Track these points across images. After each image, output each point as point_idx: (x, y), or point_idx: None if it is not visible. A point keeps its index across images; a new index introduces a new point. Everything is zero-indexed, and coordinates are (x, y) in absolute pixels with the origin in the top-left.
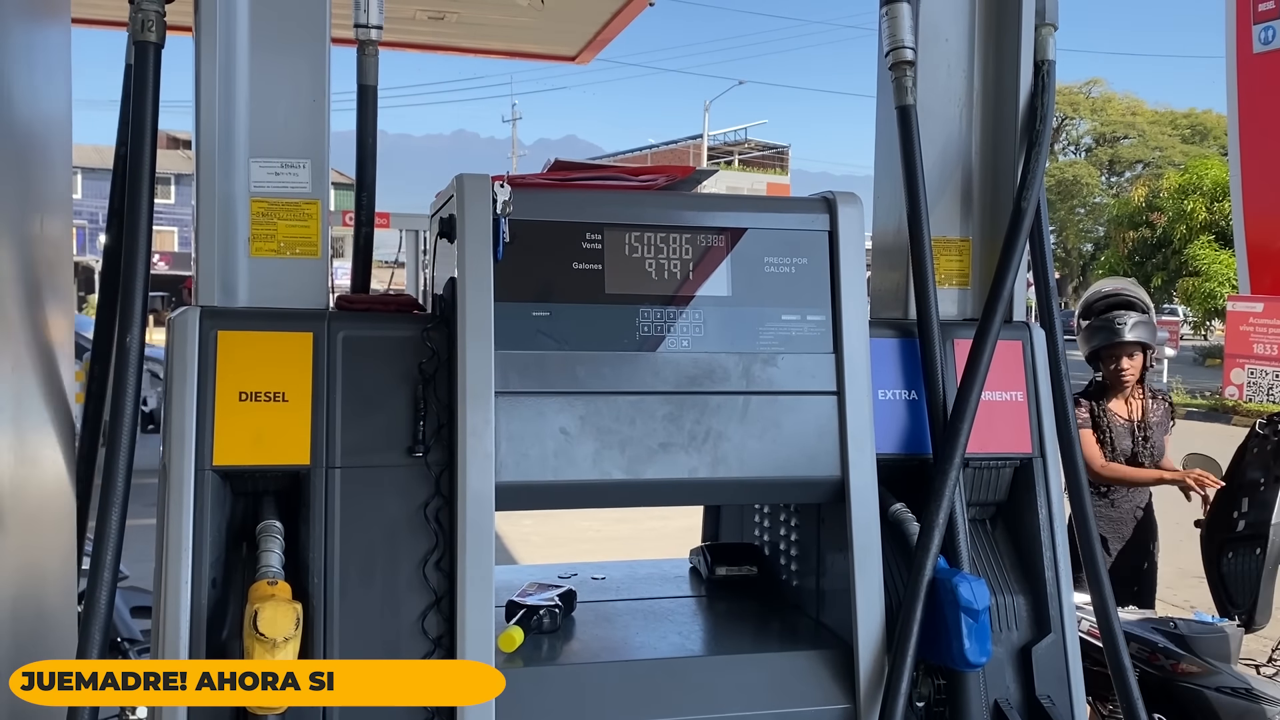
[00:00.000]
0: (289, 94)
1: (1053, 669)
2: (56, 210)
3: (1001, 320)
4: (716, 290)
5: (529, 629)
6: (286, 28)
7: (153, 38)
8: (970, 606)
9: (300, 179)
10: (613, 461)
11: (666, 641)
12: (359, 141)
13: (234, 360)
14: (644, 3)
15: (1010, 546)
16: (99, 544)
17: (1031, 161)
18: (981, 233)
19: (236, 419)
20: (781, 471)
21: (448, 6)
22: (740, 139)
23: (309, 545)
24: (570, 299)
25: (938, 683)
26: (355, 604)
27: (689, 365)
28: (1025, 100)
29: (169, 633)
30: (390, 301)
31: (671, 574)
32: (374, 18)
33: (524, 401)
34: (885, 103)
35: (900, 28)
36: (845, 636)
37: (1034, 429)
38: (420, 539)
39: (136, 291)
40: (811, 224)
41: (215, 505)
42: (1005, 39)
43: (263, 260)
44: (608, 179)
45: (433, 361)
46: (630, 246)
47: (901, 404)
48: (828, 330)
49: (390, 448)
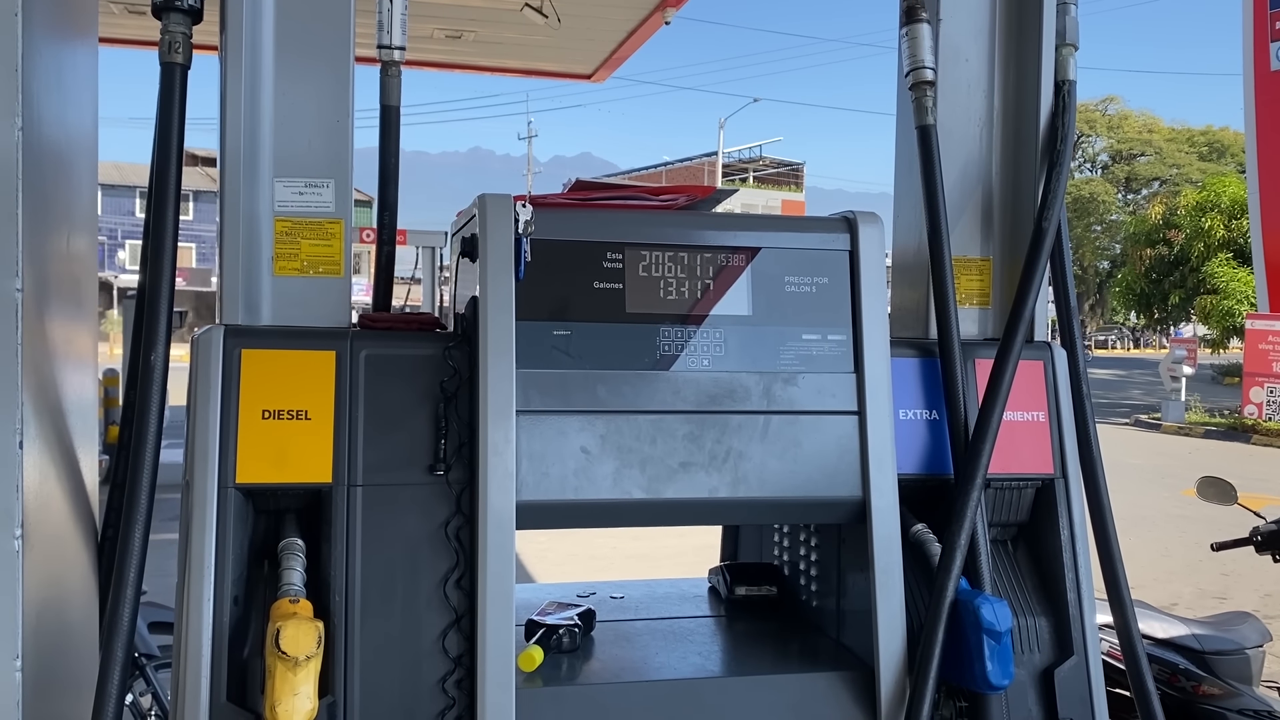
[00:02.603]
0: (313, 114)
1: (1076, 691)
2: (82, 228)
3: (1023, 340)
4: (737, 309)
5: (548, 648)
6: (311, 49)
7: (180, 59)
8: (992, 628)
9: (324, 199)
10: (633, 481)
11: (686, 662)
12: (381, 161)
13: (257, 378)
14: (660, 21)
15: (1032, 568)
16: (122, 560)
17: (1052, 182)
18: (1002, 252)
19: (259, 437)
20: (802, 491)
21: (465, 25)
22: (755, 156)
23: (330, 563)
24: (591, 318)
25: (960, 705)
26: (376, 622)
27: (709, 384)
28: (1046, 120)
29: (191, 650)
30: (412, 320)
31: (690, 593)
32: (397, 39)
33: (545, 420)
34: (905, 122)
35: (921, 48)
36: (866, 658)
37: (1055, 449)
38: (441, 557)
39: (161, 311)
40: (832, 243)
41: (238, 523)
42: (1026, 59)
43: (286, 279)
44: (628, 199)
45: (454, 380)
46: (651, 266)
47: (922, 424)
48: (849, 350)
49: (411, 466)
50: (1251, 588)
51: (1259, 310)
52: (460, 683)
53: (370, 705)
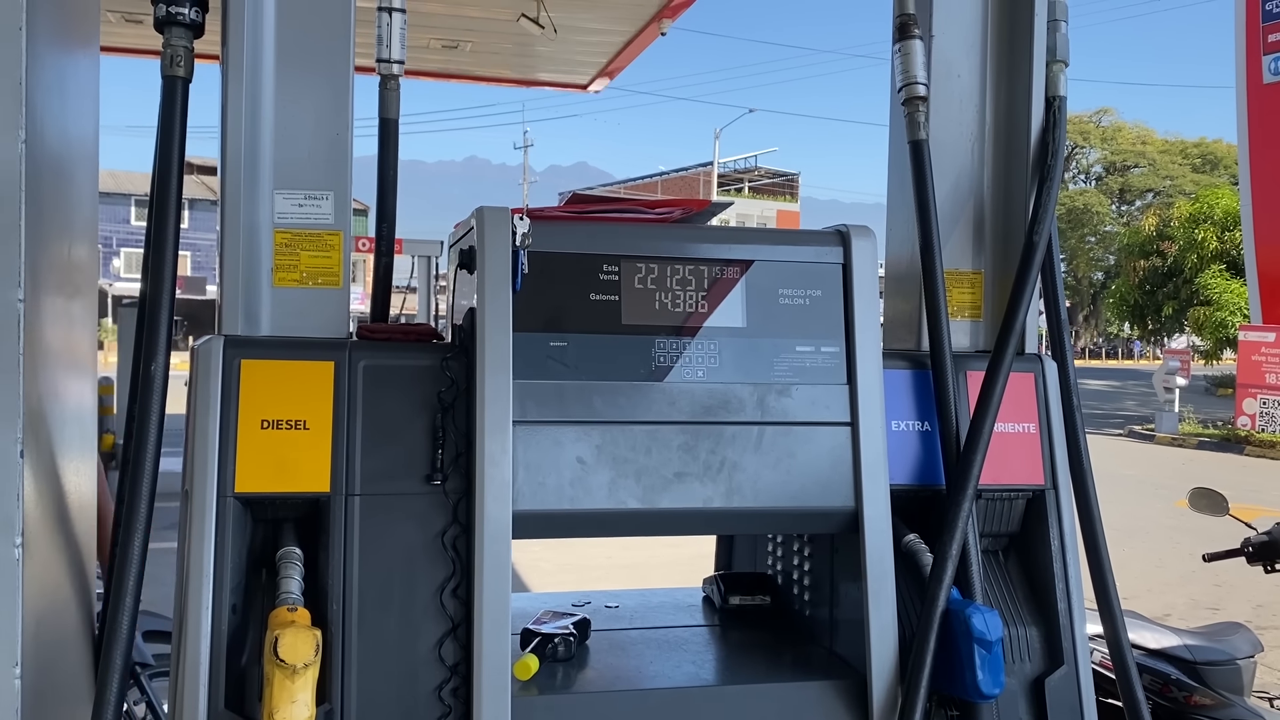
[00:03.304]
0: (313, 127)
1: (1066, 701)
2: (83, 236)
3: (1014, 352)
4: (731, 321)
5: (544, 657)
6: (311, 64)
7: (181, 73)
8: (984, 638)
9: (323, 210)
10: (628, 491)
11: (681, 671)
12: (380, 173)
13: (256, 388)
14: (656, 32)
15: (1023, 578)
16: (121, 569)
17: (1043, 196)
18: (993, 265)
19: (258, 446)
20: (795, 502)
21: (462, 36)
22: (750, 166)
23: (328, 572)
24: (587, 329)
25: (951, 714)
26: (373, 631)
27: (704, 395)
28: (1037, 136)
29: (189, 657)
30: (410, 331)
31: (684, 603)
32: (396, 52)
33: (541, 431)
34: (897, 136)
35: (913, 63)
36: (858, 667)
37: (1046, 460)
38: (438, 566)
39: (161, 321)
40: (825, 256)
41: (236, 532)
42: (1017, 75)
43: (285, 290)
44: (624, 212)
45: (451, 390)
46: (647, 278)
47: (914, 435)
48: (842, 362)
49: (409, 476)
50: (1244, 598)
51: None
52: (456, 691)
53: (367, 713)
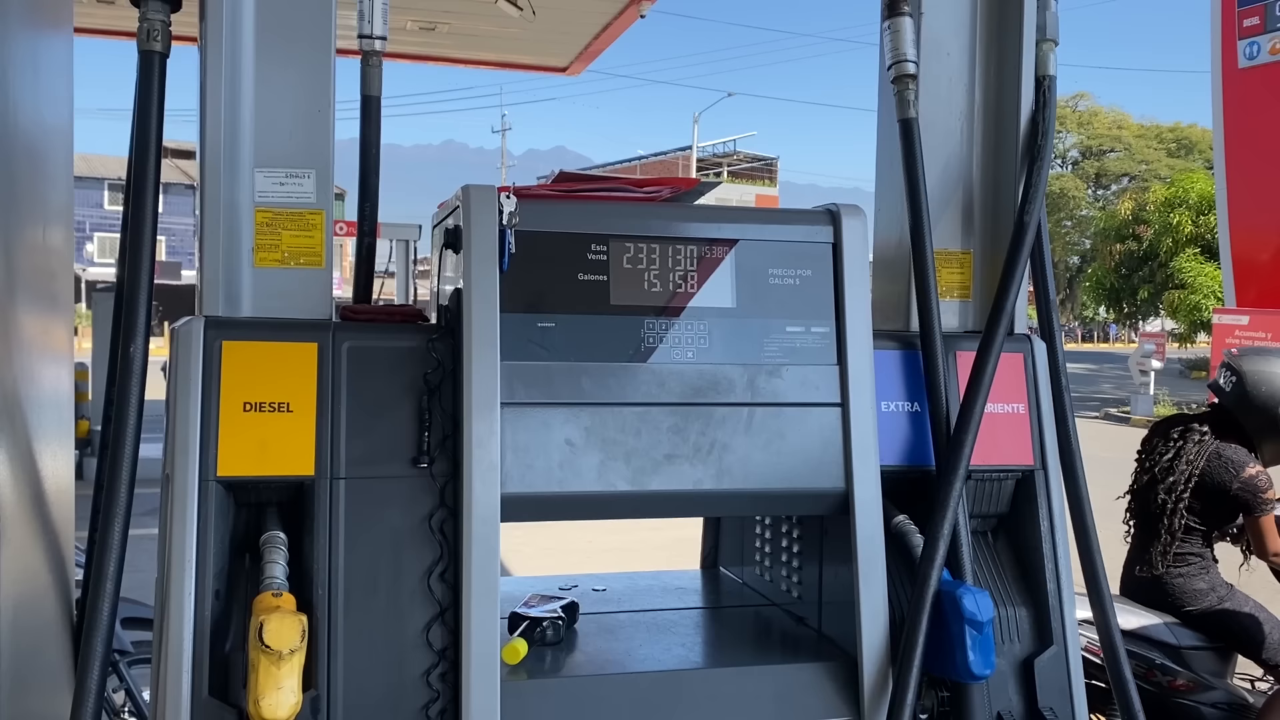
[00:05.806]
0: (293, 104)
1: (1055, 681)
2: (57, 220)
3: (1004, 333)
4: (721, 302)
5: (533, 641)
6: (292, 38)
7: (158, 47)
8: (974, 619)
9: (305, 189)
10: (617, 473)
11: (670, 653)
12: (362, 152)
13: (238, 370)
14: (635, 14)
15: (1012, 558)
16: (101, 555)
17: (1033, 176)
18: (983, 246)
19: (240, 429)
20: (786, 483)
21: (439, 17)
22: (729, 151)
23: (313, 556)
24: (575, 310)
25: (942, 695)
26: (360, 616)
27: (694, 377)
28: (1027, 115)
29: (172, 644)
30: (395, 312)
31: (672, 585)
32: (378, 28)
33: (529, 413)
34: (887, 115)
35: (903, 41)
36: (848, 648)
37: (1035, 441)
38: (425, 550)
39: (140, 304)
40: (815, 236)
41: (219, 516)
42: (1006, 54)
43: (267, 270)
44: (613, 191)
45: (438, 372)
46: (635, 258)
47: (904, 416)
48: (832, 342)
49: (395, 459)
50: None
51: (1225, 305)
52: (445, 675)
53: (354, 698)
